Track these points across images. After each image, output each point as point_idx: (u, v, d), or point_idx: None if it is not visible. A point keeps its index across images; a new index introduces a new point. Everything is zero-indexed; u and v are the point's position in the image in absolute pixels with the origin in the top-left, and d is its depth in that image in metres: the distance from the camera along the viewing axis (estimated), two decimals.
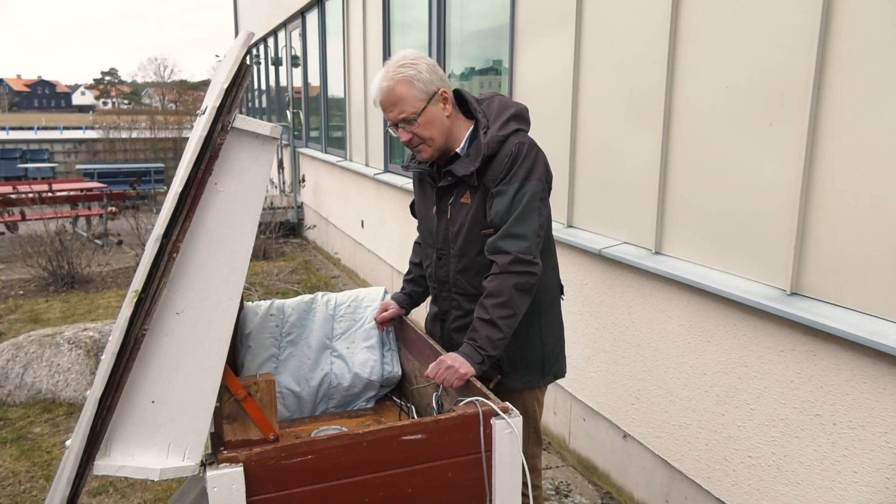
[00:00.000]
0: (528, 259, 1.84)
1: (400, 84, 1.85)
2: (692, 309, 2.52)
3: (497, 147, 1.88)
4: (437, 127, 1.90)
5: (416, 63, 1.87)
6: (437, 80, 1.89)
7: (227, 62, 1.34)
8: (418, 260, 2.29)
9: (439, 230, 2.04)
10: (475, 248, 1.96)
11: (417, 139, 1.91)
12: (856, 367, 1.95)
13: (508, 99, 2.02)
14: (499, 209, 1.86)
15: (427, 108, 1.87)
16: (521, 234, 1.84)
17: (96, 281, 6.72)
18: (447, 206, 2.00)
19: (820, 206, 2.03)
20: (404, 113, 1.87)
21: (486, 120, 1.94)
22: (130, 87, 75.60)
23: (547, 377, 2.11)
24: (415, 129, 1.89)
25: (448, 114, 1.92)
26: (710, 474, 2.51)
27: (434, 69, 1.90)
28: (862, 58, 1.88)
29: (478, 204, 1.93)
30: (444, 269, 2.06)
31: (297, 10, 8.68)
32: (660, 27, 2.57)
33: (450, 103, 1.92)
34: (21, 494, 3.04)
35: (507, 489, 1.63)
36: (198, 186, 1.31)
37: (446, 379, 1.79)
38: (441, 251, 2.06)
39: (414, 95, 1.86)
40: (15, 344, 4.13)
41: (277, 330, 2.27)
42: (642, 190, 2.74)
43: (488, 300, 1.84)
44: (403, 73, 1.85)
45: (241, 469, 1.38)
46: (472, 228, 1.95)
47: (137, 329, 1.30)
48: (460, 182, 1.95)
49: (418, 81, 1.85)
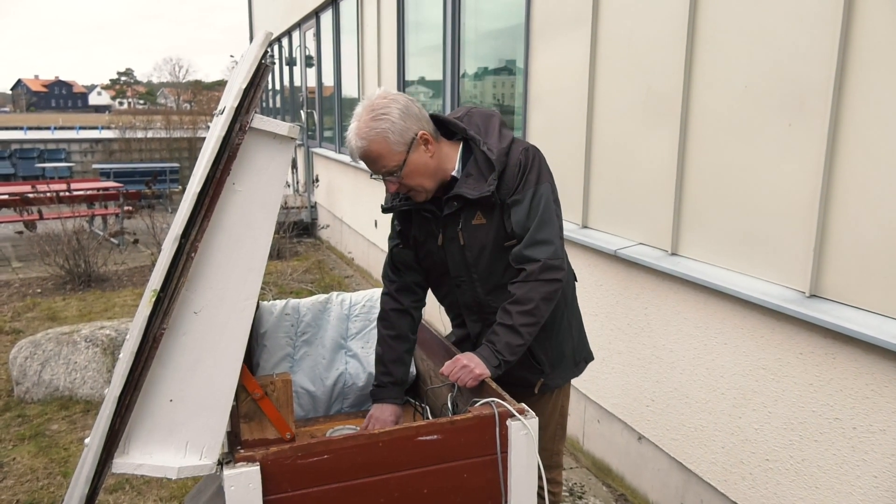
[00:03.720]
0: (557, 264, 1.82)
1: (374, 143, 1.75)
2: (709, 311, 2.50)
3: (505, 160, 1.83)
4: (423, 172, 1.82)
5: (388, 113, 1.75)
6: (414, 124, 1.78)
7: (246, 62, 1.34)
8: (395, 332, 2.05)
9: (451, 259, 1.94)
10: (502, 266, 1.90)
11: (405, 187, 1.84)
12: (876, 371, 1.92)
13: (482, 107, 1.96)
14: (519, 218, 1.82)
15: (408, 157, 1.78)
16: (546, 239, 1.82)
17: (112, 279, 6.78)
18: (457, 233, 1.90)
19: (840, 207, 2.01)
20: (386, 168, 1.79)
21: (478, 135, 1.86)
22: (146, 87, 76.23)
23: (579, 366, 2.12)
24: (401, 180, 1.82)
25: (432, 154, 1.82)
26: (727, 477, 2.49)
27: (407, 113, 1.78)
28: (884, 59, 1.85)
29: (497, 221, 1.86)
30: (469, 294, 1.98)
31: (311, 11, 8.71)
32: (677, 28, 2.55)
33: (432, 143, 1.82)
34: (39, 491, 3.07)
35: (522, 490, 1.62)
36: (216, 186, 1.31)
37: (460, 378, 1.78)
38: (459, 279, 1.97)
39: (391, 150, 1.76)
40: (33, 342, 4.17)
41: (293, 329, 2.27)
42: (658, 191, 2.72)
43: (514, 307, 1.81)
44: (376, 129, 1.74)
45: (258, 468, 1.38)
46: (496, 246, 1.88)
47: (156, 328, 1.31)
48: (468, 204, 1.86)
49: (393, 134, 1.75)
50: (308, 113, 9.75)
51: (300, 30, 9.86)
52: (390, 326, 2.05)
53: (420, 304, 2.10)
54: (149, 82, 74.72)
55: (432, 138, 1.82)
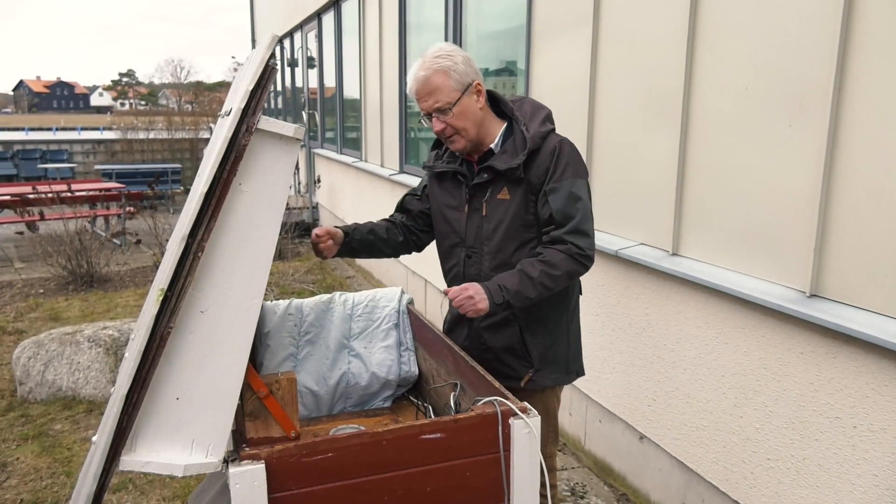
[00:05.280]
0: (592, 255, 1.92)
1: (436, 74, 1.89)
2: (710, 310, 2.51)
3: (540, 142, 1.93)
4: (471, 118, 1.94)
5: (452, 55, 1.91)
6: (473, 73, 1.94)
7: (252, 65, 1.36)
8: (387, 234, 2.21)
9: (470, 228, 2.04)
10: (513, 245, 1.98)
11: (451, 129, 1.95)
12: (877, 370, 1.93)
13: (538, 101, 2.07)
14: (557, 206, 1.89)
15: (461, 98, 1.91)
16: (588, 231, 1.91)
17: (114, 280, 6.79)
18: (481, 204, 2.01)
19: (841, 207, 2.02)
20: (439, 102, 1.91)
21: (523, 118, 1.98)
22: (147, 88, 76.32)
23: (571, 375, 2.14)
24: (448, 119, 1.93)
25: (481, 106, 1.96)
26: (728, 476, 2.50)
27: (470, 62, 1.94)
28: (884, 59, 1.87)
29: (519, 200, 1.95)
30: (475, 266, 2.06)
31: (313, 12, 8.73)
32: (677, 29, 2.56)
33: (483, 96, 1.96)
34: (42, 490, 3.08)
35: (525, 489, 1.63)
36: (223, 187, 1.33)
37: (462, 305, 1.84)
38: (472, 249, 2.06)
39: (450, 86, 1.90)
40: (36, 342, 4.19)
41: (296, 329, 2.28)
42: (659, 191, 2.73)
43: (542, 265, 1.87)
44: (440, 63, 1.89)
45: (263, 466, 1.39)
46: (513, 224, 1.97)
47: (163, 327, 1.32)
48: (498, 178, 1.97)
49: (454, 72, 1.90)
50: (310, 114, 9.76)
51: (302, 31, 9.88)
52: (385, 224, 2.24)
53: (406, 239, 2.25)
54: (150, 83, 74.82)
55: (485, 97, 1.96)
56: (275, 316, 2.27)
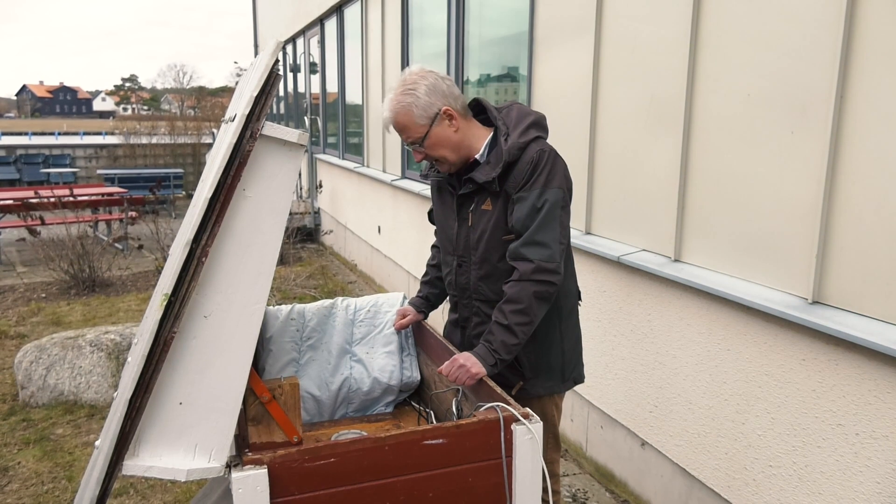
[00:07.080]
0: (551, 268, 1.87)
1: (399, 115, 1.91)
2: (712, 317, 2.51)
3: (518, 154, 1.91)
4: (446, 145, 1.95)
5: (415, 89, 1.89)
6: (439, 101, 1.91)
7: (257, 71, 1.36)
8: (435, 262, 2.32)
9: (460, 237, 2.07)
10: (497, 255, 1.98)
11: (430, 158, 1.98)
12: (879, 377, 1.93)
13: (527, 107, 2.05)
14: (520, 215, 1.89)
15: (431, 130, 1.92)
16: (543, 241, 1.87)
17: (116, 284, 6.80)
18: (468, 214, 2.03)
19: (843, 213, 2.02)
20: (410, 138, 1.94)
21: (506, 127, 1.96)
22: (150, 93, 76.54)
23: (567, 383, 2.12)
24: (425, 150, 1.96)
25: (456, 129, 1.94)
26: (730, 483, 2.49)
27: (434, 90, 1.90)
28: (886, 65, 1.87)
29: (499, 210, 1.95)
30: (465, 276, 2.08)
31: (316, 18, 8.76)
32: (679, 35, 2.57)
33: (457, 118, 1.94)
34: (44, 495, 3.08)
35: (527, 495, 1.64)
36: (227, 192, 1.33)
37: (458, 378, 1.84)
38: (462, 258, 2.08)
39: (414, 122, 1.91)
40: (38, 346, 4.19)
41: (298, 334, 2.29)
42: (662, 197, 2.74)
43: (507, 306, 1.88)
44: (401, 101, 1.90)
45: (266, 471, 1.40)
46: (494, 234, 1.97)
47: (167, 332, 1.33)
48: (481, 189, 1.97)
49: (416, 107, 1.89)
50: (312, 119, 9.79)
51: (304, 37, 9.91)
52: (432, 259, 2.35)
53: None
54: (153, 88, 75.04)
55: (458, 115, 1.94)
56: (277, 321, 2.28)
